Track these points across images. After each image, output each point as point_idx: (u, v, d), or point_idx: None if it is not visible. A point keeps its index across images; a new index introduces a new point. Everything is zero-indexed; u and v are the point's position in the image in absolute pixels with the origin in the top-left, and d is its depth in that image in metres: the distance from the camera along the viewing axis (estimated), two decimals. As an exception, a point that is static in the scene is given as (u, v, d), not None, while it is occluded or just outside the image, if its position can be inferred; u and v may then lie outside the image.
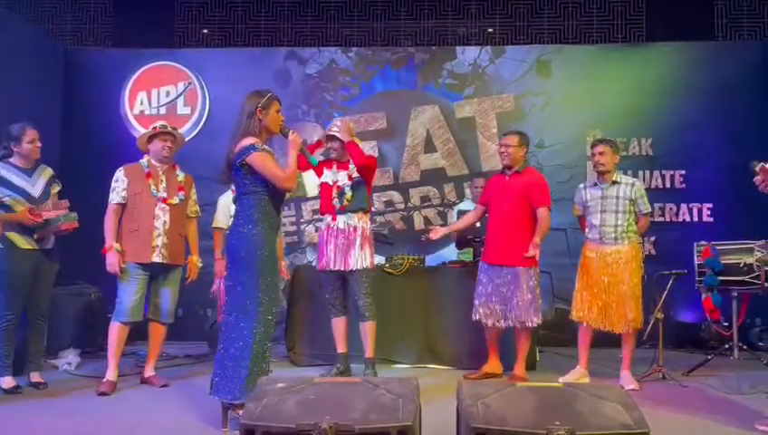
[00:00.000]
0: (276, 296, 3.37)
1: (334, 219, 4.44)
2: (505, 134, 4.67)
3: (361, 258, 4.37)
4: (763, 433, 3.19)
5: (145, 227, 4.14)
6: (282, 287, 5.19)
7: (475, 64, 6.75)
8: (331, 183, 4.49)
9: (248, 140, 3.26)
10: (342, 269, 4.38)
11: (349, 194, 4.42)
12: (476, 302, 4.52)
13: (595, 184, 4.50)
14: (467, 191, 6.49)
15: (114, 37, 7.41)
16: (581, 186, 4.65)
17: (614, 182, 4.40)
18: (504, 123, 6.66)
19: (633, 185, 4.40)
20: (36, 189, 4.12)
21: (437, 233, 4.70)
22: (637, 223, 4.41)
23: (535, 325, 4.45)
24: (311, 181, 4.20)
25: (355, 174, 4.45)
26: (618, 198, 4.36)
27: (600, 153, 4.41)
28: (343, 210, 4.42)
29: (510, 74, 6.71)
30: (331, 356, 4.65)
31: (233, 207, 4.77)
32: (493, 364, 4.59)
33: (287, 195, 3.57)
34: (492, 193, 4.60)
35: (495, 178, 4.70)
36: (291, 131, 3.40)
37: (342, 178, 4.45)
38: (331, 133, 4.48)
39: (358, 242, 4.38)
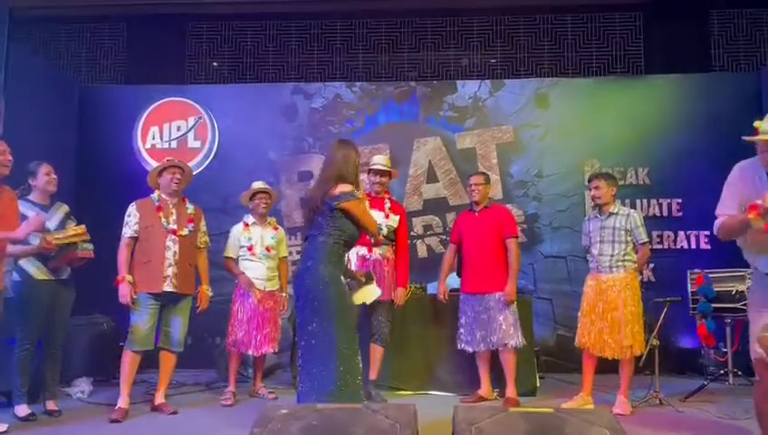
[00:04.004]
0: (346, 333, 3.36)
1: (370, 251, 4.69)
2: (471, 175, 5.03)
3: (391, 288, 4.70)
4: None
5: (156, 258, 4.31)
6: (287, 316, 5.34)
7: (475, 97, 6.96)
8: None
9: (347, 187, 3.44)
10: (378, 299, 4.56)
11: (385, 230, 4.70)
12: (460, 331, 4.83)
13: (596, 216, 4.67)
14: None
15: (127, 73, 7.68)
16: (586, 217, 4.87)
17: (611, 213, 4.56)
18: (503, 154, 6.84)
19: (629, 215, 4.55)
20: (52, 224, 4.30)
21: (444, 293, 4.94)
22: (636, 252, 4.54)
23: (519, 346, 4.66)
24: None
25: (392, 214, 4.77)
26: (614, 228, 4.52)
27: (596, 187, 4.60)
28: (379, 244, 4.70)
29: (509, 107, 6.91)
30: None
31: (243, 238, 4.97)
32: (485, 389, 4.82)
33: None
34: (463, 229, 4.94)
35: (464, 215, 5.04)
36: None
37: (377, 215, 4.66)
38: (385, 169, 4.75)
39: (388, 272, 4.69)
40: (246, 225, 5.04)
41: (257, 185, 5.10)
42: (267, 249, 4.98)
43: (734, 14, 7.37)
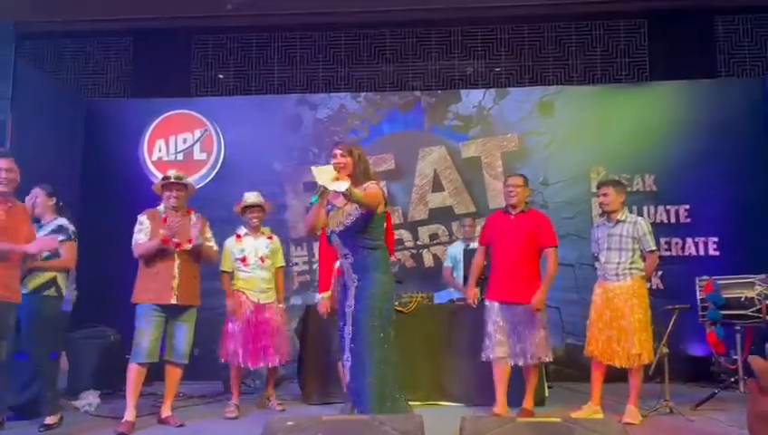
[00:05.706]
0: None
1: None
2: (509, 176, 4.79)
3: None
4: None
5: (165, 269, 4.32)
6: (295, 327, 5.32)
7: (480, 106, 6.97)
8: None
9: None
10: None
11: None
12: (489, 341, 4.49)
13: (604, 223, 4.62)
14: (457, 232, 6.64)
15: (133, 86, 7.72)
16: (595, 224, 4.81)
17: (619, 221, 4.51)
18: (508, 162, 6.83)
19: (636, 223, 4.48)
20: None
21: (474, 297, 4.76)
22: (644, 260, 4.48)
23: (549, 360, 4.55)
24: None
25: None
26: (621, 236, 4.46)
27: (604, 194, 4.55)
28: None
29: (513, 115, 6.91)
30: (343, 394, 4.72)
31: (236, 250, 4.91)
32: (503, 405, 4.49)
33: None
34: (495, 232, 4.66)
35: (497, 217, 4.76)
36: None
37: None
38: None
39: None
40: (239, 236, 4.96)
41: (250, 199, 4.96)
42: (261, 260, 4.91)
43: (739, 20, 7.34)
